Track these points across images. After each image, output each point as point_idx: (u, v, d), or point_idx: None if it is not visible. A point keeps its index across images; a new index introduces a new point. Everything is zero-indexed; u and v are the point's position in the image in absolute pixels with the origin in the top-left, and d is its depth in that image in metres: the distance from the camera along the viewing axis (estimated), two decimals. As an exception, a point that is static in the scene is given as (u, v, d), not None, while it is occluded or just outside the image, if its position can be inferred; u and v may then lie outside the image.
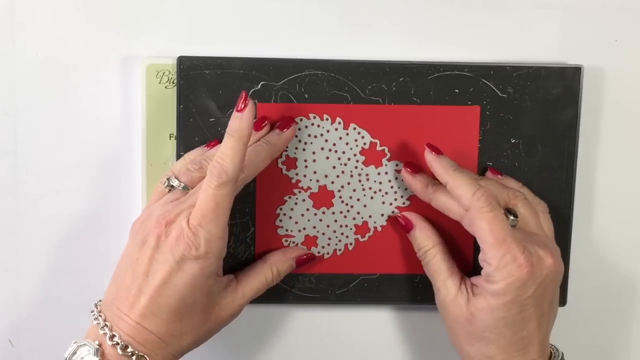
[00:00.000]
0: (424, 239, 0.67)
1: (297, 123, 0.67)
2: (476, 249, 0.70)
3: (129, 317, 0.59)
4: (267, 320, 0.73)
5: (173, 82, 0.67)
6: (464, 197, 0.63)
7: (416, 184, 0.67)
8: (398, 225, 0.69)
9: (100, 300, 0.62)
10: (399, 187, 0.69)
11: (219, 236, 0.60)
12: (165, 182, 0.64)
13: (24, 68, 0.68)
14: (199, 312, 0.61)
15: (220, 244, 0.60)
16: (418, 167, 0.67)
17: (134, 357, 0.58)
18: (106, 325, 0.59)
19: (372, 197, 0.69)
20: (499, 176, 0.68)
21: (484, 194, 0.62)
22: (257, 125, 0.64)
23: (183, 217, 0.60)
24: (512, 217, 0.64)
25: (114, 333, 0.58)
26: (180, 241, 0.59)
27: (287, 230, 0.69)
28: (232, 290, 0.63)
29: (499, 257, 0.61)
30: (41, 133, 0.69)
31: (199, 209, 0.59)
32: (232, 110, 0.61)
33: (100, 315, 0.60)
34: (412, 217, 0.68)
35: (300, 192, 0.69)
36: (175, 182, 0.63)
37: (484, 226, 0.62)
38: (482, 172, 0.70)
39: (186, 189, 0.63)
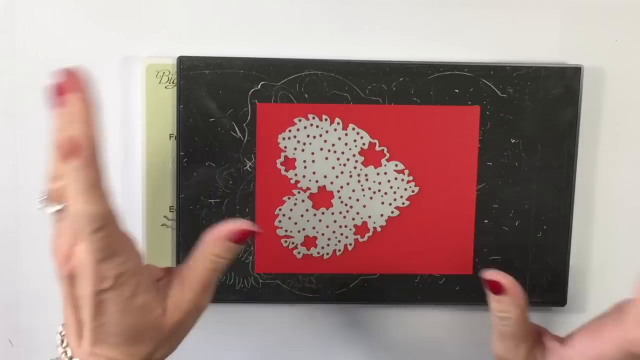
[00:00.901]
0: (513, 306, 0.59)
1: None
2: (476, 250, 0.70)
3: (82, 348, 0.56)
4: (267, 320, 0.73)
5: (173, 82, 0.67)
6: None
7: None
8: (486, 286, 0.60)
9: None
10: (398, 188, 0.69)
11: (121, 261, 0.54)
12: (44, 207, 0.56)
13: (24, 68, 0.68)
14: (148, 326, 0.56)
15: (131, 264, 0.55)
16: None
17: None
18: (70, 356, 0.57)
19: (371, 198, 0.69)
20: None
21: None
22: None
23: (78, 250, 0.54)
24: None
25: None
26: (85, 279, 0.54)
27: (286, 230, 0.69)
28: (178, 291, 0.58)
29: None
30: (41, 133, 0.69)
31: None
32: (232, 111, 0.61)
33: (65, 345, 0.57)
34: (503, 279, 0.59)
35: (299, 192, 0.69)
36: (51, 209, 0.56)
37: None
38: (482, 172, 0.70)
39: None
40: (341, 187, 0.69)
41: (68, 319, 0.57)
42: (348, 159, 0.69)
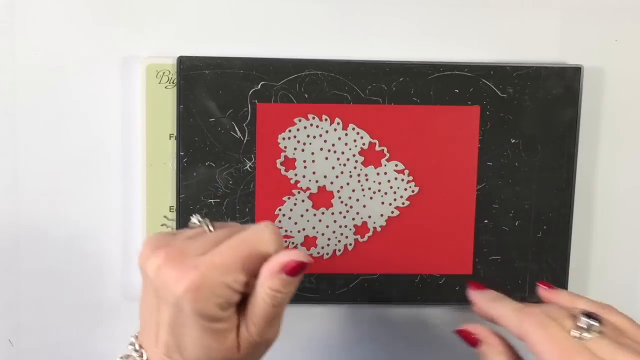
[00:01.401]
0: (496, 355, 0.57)
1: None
2: (476, 250, 0.70)
3: (157, 350, 0.55)
4: (267, 320, 0.73)
5: (173, 82, 0.67)
6: (512, 326, 0.55)
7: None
8: (463, 339, 0.59)
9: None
10: (398, 188, 0.69)
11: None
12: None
13: (24, 68, 0.68)
14: (220, 355, 0.55)
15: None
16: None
17: None
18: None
19: (371, 198, 0.69)
20: (551, 290, 0.60)
21: (528, 316, 0.54)
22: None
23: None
24: (586, 321, 0.53)
25: None
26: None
27: (286, 230, 0.69)
28: (244, 327, 0.56)
29: None
30: (41, 133, 0.69)
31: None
32: (232, 111, 0.60)
33: (137, 348, 0.56)
34: (479, 331, 0.58)
35: (299, 192, 0.69)
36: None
37: (541, 349, 0.52)
38: (482, 172, 0.70)
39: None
40: (341, 187, 0.69)
41: (147, 317, 0.55)
42: (348, 159, 0.69)
